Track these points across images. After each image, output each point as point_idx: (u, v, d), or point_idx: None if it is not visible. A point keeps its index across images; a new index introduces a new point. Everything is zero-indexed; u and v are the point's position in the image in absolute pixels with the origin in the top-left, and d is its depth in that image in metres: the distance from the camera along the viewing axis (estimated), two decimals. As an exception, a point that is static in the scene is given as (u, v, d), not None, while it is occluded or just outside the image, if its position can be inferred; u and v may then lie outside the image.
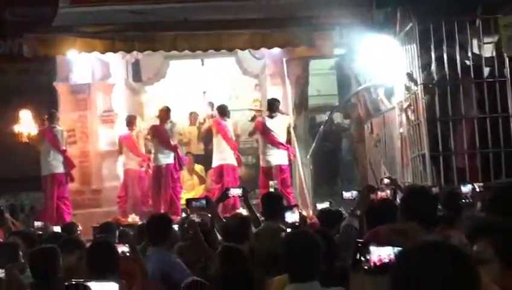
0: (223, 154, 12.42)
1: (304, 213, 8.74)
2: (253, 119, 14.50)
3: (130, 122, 12.85)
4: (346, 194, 7.13)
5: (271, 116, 12.06)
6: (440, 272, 1.80)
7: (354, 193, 7.08)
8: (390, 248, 2.23)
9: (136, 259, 5.05)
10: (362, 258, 2.24)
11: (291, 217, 5.89)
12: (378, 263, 2.23)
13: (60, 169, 11.99)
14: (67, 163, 12.08)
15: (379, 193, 7.41)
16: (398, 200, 9.61)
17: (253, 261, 4.80)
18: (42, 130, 12.16)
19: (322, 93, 16.67)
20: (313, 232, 4.11)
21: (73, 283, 3.20)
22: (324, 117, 15.52)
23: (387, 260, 2.20)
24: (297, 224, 6.30)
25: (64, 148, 12.07)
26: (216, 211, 6.98)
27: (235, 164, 12.52)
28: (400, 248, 2.18)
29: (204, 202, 6.81)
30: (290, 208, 6.71)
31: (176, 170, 12.27)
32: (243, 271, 4.37)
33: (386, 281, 1.92)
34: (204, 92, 15.91)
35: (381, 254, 2.23)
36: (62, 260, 5.03)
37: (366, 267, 2.24)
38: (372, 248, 2.23)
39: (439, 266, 1.81)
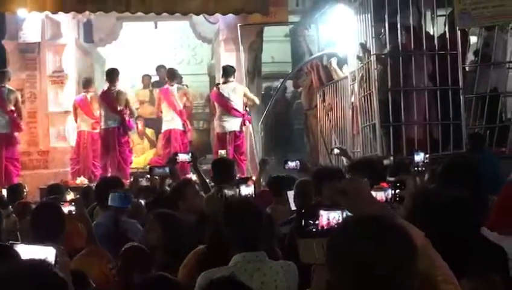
0: (171, 120, 12.35)
1: (254, 178, 8.73)
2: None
3: (86, 84, 12.65)
4: (291, 164, 7.02)
5: (226, 82, 11.98)
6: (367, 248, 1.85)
7: (298, 163, 7.01)
8: (339, 212, 2.23)
9: (82, 219, 4.98)
10: (309, 222, 2.23)
11: (246, 190, 5.88)
12: (326, 226, 2.23)
13: (5, 129, 11.75)
14: (13, 125, 11.83)
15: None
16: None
17: (203, 227, 4.78)
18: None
19: (276, 60, 16.67)
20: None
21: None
22: (277, 84, 15.55)
23: (335, 225, 2.20)
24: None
25: (12, 108, 11.80)
26: (179, 178, 6.98)
27: (183, 128, 12.45)
28: (349, 215, 2.19)
29: (167, 170, 6.82)
30: (245, 180, 6.62)
31: (121, 134, 12.11)
32: (178, 236, 4.40)
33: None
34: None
35: (330, 217, 2.23)
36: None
37: (314, 230, 2.23)
38: (322, 212, 2.22)
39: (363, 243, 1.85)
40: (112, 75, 12.18)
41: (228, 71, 12.05)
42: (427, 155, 6.95)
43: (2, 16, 12.46)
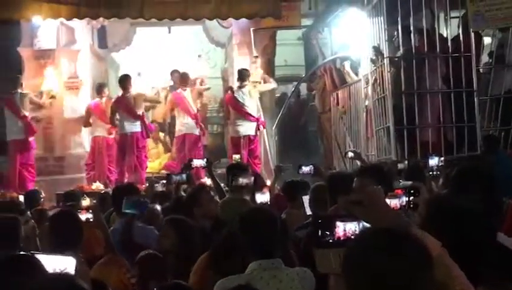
0: (185, 124, 12.40)
1: (268, 183, 8.76)
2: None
3: (100, 90, 12.73)
4: (305, 169, 6.92)
5: (240, 87, 12.02)
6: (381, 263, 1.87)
7: (312, 167, 6.98)
8: (355, 222, 2.26)
9: (100, 226, 5.02)
10: (325, 233, 2.25)
11: (261, 197, 5.89)
12: (342, 237, 2.26)
13: (20, 135, 11.86)
14: (28, 129, 11.93)
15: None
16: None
17: (218, 231, 4.82)
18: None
19: (289, 64, 16.70)
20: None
21: (20, 253, 2.97)
22: (291, 88, 15.58)
23: (351, 235, 2.23)
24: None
25: (26, 113, 11.91)
26: (194, 184, 7.06)
27: (197, 133, 12.50)
28: (364, 225, 2.22)
29: (184, 176, 6.92)
30: (260, 188, 6.62)
31: (142, 138, 12.21)
32: (191, 241, 4.44)
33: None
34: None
35: (346, 228, 2.26)
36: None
37: (330, 241, 2.26)
38: (338, 223, 2.25)
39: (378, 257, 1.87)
40: (125, 81, 12.28)
41: (243, 74, 12.10)
42: (442, 158, 6.97)
43: (17, 23, 12.55)
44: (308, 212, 5.85)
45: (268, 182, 8.57)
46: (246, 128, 11.99)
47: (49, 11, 11.45)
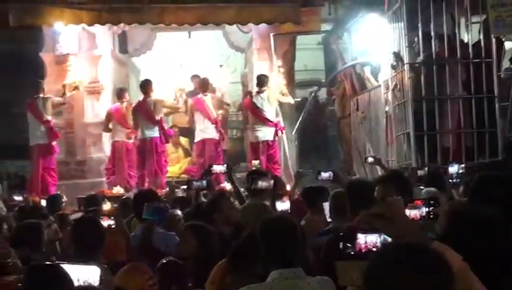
0: (205, 129, 12.44)
1: (288, 188, 8.77)
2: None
3: (120, 94, 12.81)
4: (324, 175, 6.84)
5: (260, 92, 12.05)
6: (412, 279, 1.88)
7: (331, 173, 6.92)
8: (376, 235, 2.28)
9: (121, 232, 5.08)
10: (347, 245, 2.28)
11: (282, 205, 5.91)
12: (364, 249, 2.28)
13: (43, 140, 11.98)
14: (50, 134, 12.05)
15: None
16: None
17: (238, 237, 4.85)
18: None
19: (308, 68, 16.72)
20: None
21: (47, 263, 3.04)
22: (310, 91, 15.59)
23: (373, 247, 2.25)
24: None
25: (49, 118, 12.02)
26: (214, 189, 7.12)
27: (217, 138, 12.54)
28: (385, 238, 2.24)
29: (205, 183, 6.93)
30: (280, 196, 6.64)
31: (161, 143, 12.27)
32: (211, 247, 4.48)
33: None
34: (181, 65, 15.72)
35: (367, 240, 2.28)
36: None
37: (352, 253, 2.29)
38: (360, 235, 2.28)
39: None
40: (146, 86, 12.33)
41: (262, 80, 12.12)
42: (462, 165, 6.95)
43: (39, 29, 12.67)
44: (329, 219, 5.87)
45: (288, 187, 8.58)
46: (265, 133, 12.01)
47: (71, 17, 11.56)
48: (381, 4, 10.82)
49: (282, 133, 12.34)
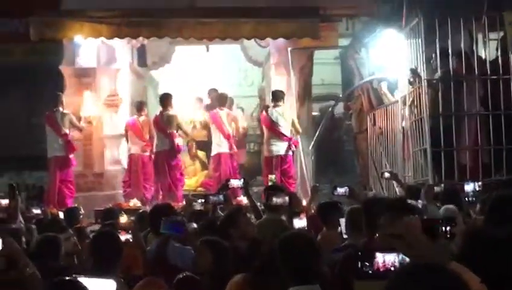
0: (220, 143, 12.49)
1: (304, 203, 8.79)
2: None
3: (140, 107, 12.90)
4: (340, 190, 6.82)
5: (275, 107, 12.08)
6: None
7: (347, 189, 6.89)
8: (394, 254, 2.30)
9: (139, 247, 5.12)
10: (365, 264, 2.31)
11: (299, 223, 5.92)
12: (382, 268, 2.30)
13: (61, 152, 12.08)
14: (68, 146, 12.14)
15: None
16: (398, 192, 9.75)
17: (254, 252, 4.87)
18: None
19: (325, 83, 16.76)
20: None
21: (66, 278, 3.02)
22: (327, 105, 15.60)
23: (391, 267, 2.27)
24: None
25: (67, 131, 12.12)
26: (231, 203, 7.17)
27: (232, 152, 12.58)
28: (403, 257, 2.27)
29: (222, 197, 7.02)
30: (297, 214, 6.66)
31: (172, 156, 12.30)
32: (226, 262, 4.50)
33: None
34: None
35: (386, 260, 2.31)
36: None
37: (370, 272, 2.31)
38: (378, 254, 2.30)
39: None
40: (166, 99, 12.42)
41: (277, 96, 12.14)
42: (479, 183, 6.94)
43: (59, 42, 12.80)
44: (345, 235, 5.87)
45: (305, 202, 8.60)
46: (279, 147, 12.02)
47: (91, 31, 11.68)
48: (399, 20, 10.84)
49: (295, 147, 12.34)
